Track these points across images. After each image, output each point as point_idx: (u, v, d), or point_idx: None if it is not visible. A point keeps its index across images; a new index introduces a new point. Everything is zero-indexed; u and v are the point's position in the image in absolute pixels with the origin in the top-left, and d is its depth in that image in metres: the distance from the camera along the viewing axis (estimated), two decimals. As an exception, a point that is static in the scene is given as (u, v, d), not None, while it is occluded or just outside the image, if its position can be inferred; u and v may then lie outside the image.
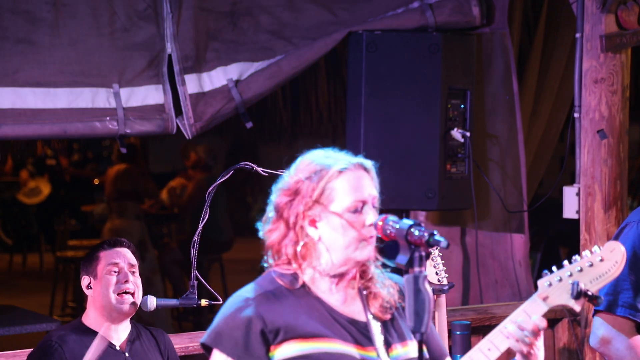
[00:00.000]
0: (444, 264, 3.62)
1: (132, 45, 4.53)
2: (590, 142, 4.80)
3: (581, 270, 2.47)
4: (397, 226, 2.34)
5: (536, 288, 2.50)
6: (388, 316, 2.51)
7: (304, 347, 2.39)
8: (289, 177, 2.50)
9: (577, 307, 2.46)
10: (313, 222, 2.46)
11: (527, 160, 5.47)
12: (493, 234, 5.45)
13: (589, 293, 2.45)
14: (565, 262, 2.49)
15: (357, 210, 2.45)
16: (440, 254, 3.63)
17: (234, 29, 4.72)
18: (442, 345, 2.67)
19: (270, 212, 2.51)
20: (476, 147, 5.20)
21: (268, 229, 2.51)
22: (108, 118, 4.47)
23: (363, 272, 2.53)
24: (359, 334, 2.45)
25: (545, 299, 2.48)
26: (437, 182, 4.98)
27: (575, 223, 4.93)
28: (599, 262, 2.47)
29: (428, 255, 2.28)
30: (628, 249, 3.34)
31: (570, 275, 2.47)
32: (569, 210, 4.94)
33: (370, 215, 2.46)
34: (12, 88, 4.31)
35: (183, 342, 4.25)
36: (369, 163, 2.53)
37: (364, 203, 2.46)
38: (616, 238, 3.44)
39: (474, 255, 5.43)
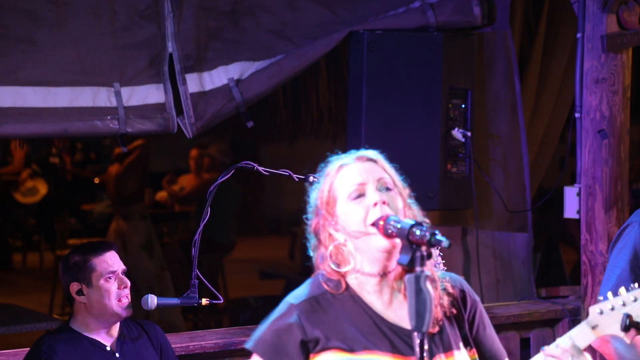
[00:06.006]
0: (444, 264, 3.61)
1: (133, 44, 4.52)
2: (591, 142, 4.80)
3: (636, 300, 2.32)
4: (399, 226, 2.32)
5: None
6: (436, 328, 2.45)
7: (340, 357, 2.38)
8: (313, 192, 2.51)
9: (627, 339, 2.34)
10: (336, 227, 2.45)
11: (529, 160, 5.47)
12: (495, 234, 5.44)
13: None
14: (622, 290, 2.34)
15: (359, 195, 2.43)
16: (441, 254, 3.62)
17: (235, 28, 4.72)
18: (498, 347, 2.60)
19: (309, 233, 2.50)
20: (477, 147, 5.20)
21: (312, 251, 2.50)
22: (109, 117, 4.46)
23: None
24: (402, 342, 2.41)
25: (594, 327, 2.36)
26: (437, 181, 4.98)
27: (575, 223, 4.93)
28: None
29: (430, 255, 2.25)
30: (629, 249, 3.34)
31: (624, 305, 2.32)
32: (570, 210, 4.93)
33: (373, 195, 2.41)
34: (13, 87, 4.30)
35: (183, 341, 4.24)
36: (373, 153, 2.51)
37: (362, 185, 2.43)
38: (617, 239, 3.43)
39: (474, 255, 5.43)
